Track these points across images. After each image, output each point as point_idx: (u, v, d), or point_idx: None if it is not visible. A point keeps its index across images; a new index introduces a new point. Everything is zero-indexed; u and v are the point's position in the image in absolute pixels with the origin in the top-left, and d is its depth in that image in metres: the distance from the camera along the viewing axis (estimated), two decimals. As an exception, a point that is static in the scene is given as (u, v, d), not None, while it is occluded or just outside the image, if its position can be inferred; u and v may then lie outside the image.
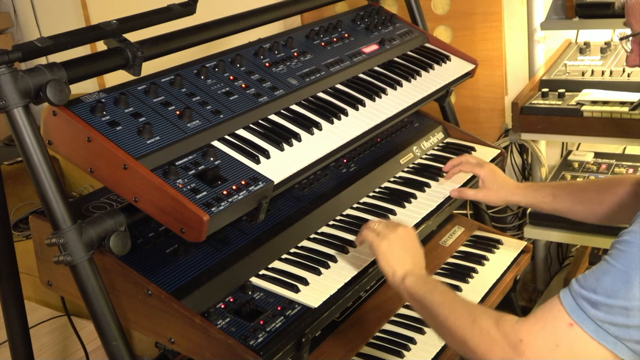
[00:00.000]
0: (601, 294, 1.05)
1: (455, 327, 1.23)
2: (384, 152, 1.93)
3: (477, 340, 1.19)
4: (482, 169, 1.79)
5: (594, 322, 1.06)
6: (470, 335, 1.20)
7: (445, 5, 2.70)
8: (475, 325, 1.20)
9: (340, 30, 1.95)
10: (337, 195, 1.71)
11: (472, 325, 1.20)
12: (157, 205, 1.22)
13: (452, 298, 1.30)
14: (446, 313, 1.26)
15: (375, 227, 1.46)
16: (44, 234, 1.33)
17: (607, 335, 1.05)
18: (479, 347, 1.19)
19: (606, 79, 2.31)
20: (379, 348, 1.74)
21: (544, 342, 1.11)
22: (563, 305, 1.09)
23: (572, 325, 1.07)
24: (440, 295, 1.30)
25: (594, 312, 1.05)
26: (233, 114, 1.46)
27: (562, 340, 1.09)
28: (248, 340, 1.25)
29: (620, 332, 1.05)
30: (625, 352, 1.06)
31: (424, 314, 1.35)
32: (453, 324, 1.24)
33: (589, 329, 1.06)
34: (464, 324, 1.22)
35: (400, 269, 1.39)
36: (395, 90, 1.83)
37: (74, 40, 1.33)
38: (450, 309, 1.26)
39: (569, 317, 1.07)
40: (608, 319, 1.04)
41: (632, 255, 1.03)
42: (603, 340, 1.06)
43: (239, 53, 1.65)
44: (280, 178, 1.37)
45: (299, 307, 1.36)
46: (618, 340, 1.05)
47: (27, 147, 1.18)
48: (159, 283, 1.30)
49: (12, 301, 1.59)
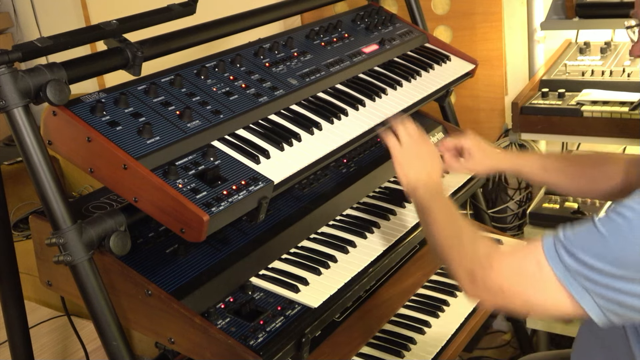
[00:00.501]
0: (579, 250, 1.07)
1: (442, 236, 1.31)
2: (384, 152, 1.93)
3: (455, 252, 1.26)
4: (466, 140, 1.78)
5: (566, 268, 1.08)
6: (451, 246, 1.27)
7: (445, 5, 2.70)
8: (458, 239, 1.27)
9: (340, 30, 1.95)
10: (337, 195, 1.72)
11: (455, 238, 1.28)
12: (157, 205, 1.22)
13: (450, 211, 1.37)
14: (439, 221, 1.34)
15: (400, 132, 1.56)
16: (44, 234, 1.33)
17: (575, 283, 1.08)
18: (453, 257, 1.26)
19: (606, 79, 2.31)
20: (379, 348, 1.74)
21: (509, 270, 1.16)
22: (542, 244, 1.12)
23: (541, 265, 1.11)
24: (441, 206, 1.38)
25: (569, 261, 1.08)
26: (233, 114, 1.46)
27: (525, 273, 1.13)
28: (248, 340, 1.25)
29: (589, 285, 1.07)
30: (590, 303, 1.08)
31: (422, 220, 1.43)
32: (441, 233, 1.32)
33: (559, 272, 1.09)
34: (451, 235, 1.29)
35: (414, 177, 1.49)
36: (395, 90, 1.83)
37: (74, 40, 1.33)
38: (445, 219, 1.34)
39: (543, 257, 1.11)
40: (581, 271, 1.07)
41: (618, 225, 1.05)
42: (571, 287, 1.08)
43: (239, 53, 1.65)
44: (280, 178, 1.37)
45: (299, 307, 1.36)
46: (586, 291, 1.08)
47: (27, 147, 1.18)
48: (159, 283, 1.30)
49: (12, 301, 1.59)
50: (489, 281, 1.17)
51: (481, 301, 1.23)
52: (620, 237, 1.05)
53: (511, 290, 1.15)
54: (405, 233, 1.64)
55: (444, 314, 1.89)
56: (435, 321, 1.86)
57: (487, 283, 1.18)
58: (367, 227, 1.63)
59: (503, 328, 2.85)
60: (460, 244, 1.26)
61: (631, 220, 1.04)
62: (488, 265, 1.18)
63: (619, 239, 1.05)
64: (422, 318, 1.86)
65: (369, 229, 1.63)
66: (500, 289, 1.16)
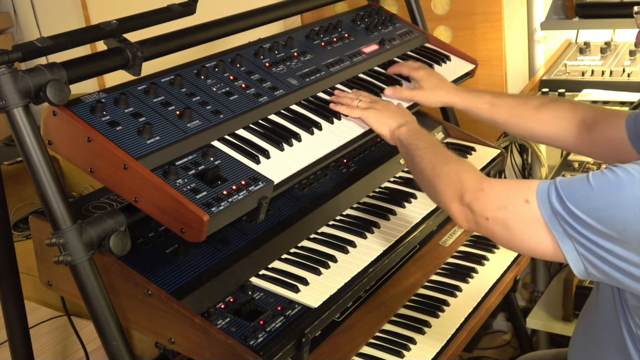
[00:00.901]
0: (565, 195, 1.09)
1: (430, 167, 1.31)
2: (384, 152, 1.93)
3: (445, 178, 1.27)
4: (418, 72, 1.79)
5: (551, 209, 1.10)
6: (439, 174, 1.28)
7: (445, 5, 2.70)
8: (447, 165, 1.28)
9: (340, 30, 1.95)
10: (337, 195, 1.72)
11: (444, 165, 1.28)
12: (157, 205, 1.22)
13: (436, 145, 1.39)
14: (425, 154, 1.35)
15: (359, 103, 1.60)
16: (44, 234, 1.33)
17: (558, 225, 1.09)
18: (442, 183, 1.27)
19: (606, 79, 2.31)
20: (379, 348, 1.74)
21: (496, 199, 1.17)
22: (537, 185, 1.13)
23: (529, 202, 1.12)
24: (426, 141, 1.40)
25: (555, 202, 1.09)
26: (233, 114, 1.46)
27: (511, 206, 1.14)
28: (248, 340, 1.25)
29: (569, 229, 1.08)
30: (569, 247, 1.09)
31: (408, 159, 1.44)
32: (428, 164, 1.32)
33: (544, 212, 1.10)
34: (439, 163, 1.30)
35: (394, 122, 1.53)
36: (395, 90, 1.83)
37: (74, 40, 1.32)
38: (432, 151, 1.35)
39: (534, 196, 1.12)
40: (563, 214, 1.08)
41: (607, 180, 1.06)
42: (553, 227, 1.10)
43: (239, 53, 1.65)
44: (280, 178, 1.37)
45: (299, 307, 1.36)
46: (566, 235, 1.09)
47: (27, 147, 1.18)
48: (159, 283, 1.30)
49: (12, 301, 1.59)
50: (476, 206, 1.18)
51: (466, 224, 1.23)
52: (605, 192, 1.06)
53: (495, 219, 1.17)
54: (405, 233, 1.64)
55: (444, 314, 1.89)
56: (435, 321, 1.85)
57: (473, 207, 1.19)
58: (367, 227, 1.63)
59: (503, 328, 2.85)
60: (450, 171, 1.26)
61: (622, 179, 1.05)
62: (478, 189, 1.19)
63: (604, 194, 1.06)
64: (422, 318, 1.86)
65: (369, 229, 1.63)
66: (485, 216, 1.18)
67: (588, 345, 1.35)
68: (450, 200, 1.24)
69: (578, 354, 1.39)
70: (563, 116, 1.54)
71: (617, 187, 1.04)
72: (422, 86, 1.77)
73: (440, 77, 1.81)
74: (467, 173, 1.25)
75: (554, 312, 2.35)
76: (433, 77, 1.79)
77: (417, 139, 1.41)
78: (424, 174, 1.34)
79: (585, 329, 1.37)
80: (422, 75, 1.79)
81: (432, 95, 1.76)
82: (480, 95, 1.70)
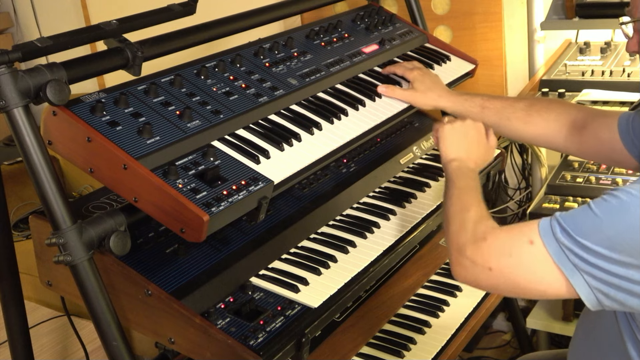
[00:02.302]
0: (572, 228, 1.07)
1: (452, 209, 1.30)
2: (384, 152, 1.93)
3: (456, 227, 1.25)
4: (412, 72, 1.78)
5: (558, 244, 1.08)
6: (455, 219, 1.27)
7: (445, 5, 2.70)
8: (463, 213, 1.26)
9: (340, 30, 1.95)
10: (337, 195, 1.71)
11: (461, 212, 1.27)
12: (157, 205, 1.22)
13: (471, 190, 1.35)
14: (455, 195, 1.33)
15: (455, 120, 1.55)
16: (44, 234, 1.33)
17: (567, 260, 1.08)
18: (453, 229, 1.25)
19: (606, 79, 2.31)
20: (379, 348, 1.75)
21: (500, 247, 1.15)
22: (538, 224, 1.12)
23: (534, 243, 1.10)
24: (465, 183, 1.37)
25: (562, 237, 1.08)
26: (233, 114, 1.46)
27: (516, 251, 1.12)
28: (248, 340, 1.25)
29: (579, 262, 1.07)
30: (580, 281, 1.08)
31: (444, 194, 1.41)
32: (452, 205, 1.31)
33: (551, 249, 1.09)
34: (459, 209, 1.28)
35: (451, 153, 1.48)
36: (395, 90, 1.83)
37: (74, 40, 1.32)
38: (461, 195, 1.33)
39: (537, 235, 1.10)
40: (572, 248, 1.07)
41: (612, 206, 1.05)
42: (562, 264, 1.08)
43: (239, 53, 1.65)
44: (280, 178, 1.37)
45: (299, 307, 1.36)
46: (576, 269, 1.07)
47: (27, 147, 1.18)
48: (159, 283, 1.30)
49: (12, 301, 1.59)
50: (478, 257, 1.16)
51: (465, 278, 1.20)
52: (613, 218, 1.05)
53: (499, 268, 1.14)
54: (406, 233, 1.64)
55: (444, 314, 1.89)
56: (435, 321, 1.86)
57: (475, 259, 1.17)
58: (367, 227, 1.63)
59: (503, 328, 2.85)
60: (463, 219, 1.25)
61: (626, 203, 1.04)
62: (481, 239, 1.17)
63: (612, 221, 1.05)
64: (422, 318, 1.86)
65: (369, 229, 1.62)
66: (488, 267, 1.15)
67: (588, 348, 1.35)
68: (453, 250, 1.22)
69: (578, 356, 1.39)
70: (551, 118, 1.54)
71: (623, 211, 1.04)
72: (415, 88, 1.76)
73: (435, 79, 1.80)
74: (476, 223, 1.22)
75: (554, 312, 2.35)
76: (426, 79, 1.78)
77: (459, 179, 1.39)
78: (444, 213, 1.34)
79: (586, 332, 1.37)
80: (416, 76, 1.78)
81: (424, 97, 1.75)
82: (471, 99, 1.69)
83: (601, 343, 1.30)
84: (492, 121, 1.64)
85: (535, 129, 1.56)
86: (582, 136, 1.48)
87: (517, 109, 1.60)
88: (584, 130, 1.48)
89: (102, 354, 1.29)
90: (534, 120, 1.56)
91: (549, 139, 1.55)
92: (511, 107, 1.61)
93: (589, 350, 1.34)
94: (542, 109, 1.56)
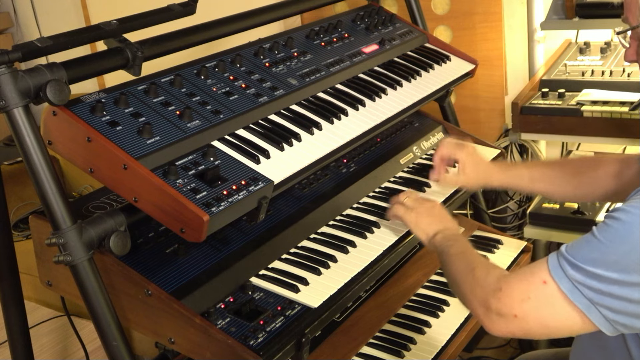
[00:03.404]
0: (580, 260, 1.08)
1: (457, 273, 1.32)
2: (384, 152, 1.93)
3: (469, 285, 1.27)
4: (461, 153, 1.76)
5: (570, 281, 1.09)
6: (464, 281, 1.28)
7: (445, 5, 2.70)
8: (471, 272, 1.27)
9: (340, 30, 1.95)
10: (337, 195, 1.71)
11: (469, 272, 1.28)
12: (157, 205, 1.22)
13: (466, 251, 1.38)
14: (454, 261, 1.35)
15: (404, 200, 1.60)
16: (44, 234, 1.33)
17: (581, 296, 1.08)
18: (467, 291, 1.27)
19: (606, 79, 2.31)
20: (379, 348, 1.74)
21: (517, 293, 1.16)
22: (547, 263, 1.13)
23: (547, 283, 1.12)
24: (457, 248, 1.39)
25: (572, 273, 1.09)
26: (233, 114, 1.46)
27: (533, 293, 1.14)
28: (248, 340, 1.25)
29: (594, 296, 1.08)
30: (597, 315, 1.09)
31: (442, 266, 1.43)
32: (456, 270, 1.33)
33: (564, 287, 1.10)
34: (464, 270, 1.30)
35: (431, 230, 1.52)
36: (395, 90, 1.83)
37: (74, 40, 1.32)
38: (459, 258, 1.35)
39: (548, 274, 1.12)
40: (584, 282, 1.08)
41: (614, 230, 1.06)
42: (577, 300, 1.09)
43: (239, 53, 1.65)
44: (280, 178, 1.37)
45: (299, 307, 1.36)
46: (591, 304, 1.08)
47: (27, 147, 1.18)
48: (159, 283, 1.30)
49: (12, 301, 1.59)
50: (502, 307, 1.17)
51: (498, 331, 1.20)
52: (617, 241, 1.05)
53: (524, 313, 1.15)
54: (406, 233, 1.64)
55: (444, 314, 1.89)
56: (435, 321, 1.86)
57: (500, 310, 1.17)
58: (367, 227, 1.63)
59: (503, 328, 2.85)
60: (473, 277, 1.26)
61: (627, 223, 1.05)
62: (498, 290, 1.18)
63: (617, 243, 1.05)
64: (422, 318, 1.86)
65: (369, 229, 1.62)
66: (513, 314, 1.16)
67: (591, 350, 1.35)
68: (477, 308, 1.23)
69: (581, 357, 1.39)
70: (599, 176, 1.57)
71: (627, 232, 1.04)
72: (466, 173, 1.74)
73: (481, 160, 1.77)
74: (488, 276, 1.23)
75: (554, 312, 2.35)
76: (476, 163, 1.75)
77: (450, 246, 1.41)
78: (452, 281, 1.35)
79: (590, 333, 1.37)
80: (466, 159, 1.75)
81: (475, 181, 1.76)
82: (519, 174, 1.70)
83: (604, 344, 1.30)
84: (544, 190, 1.68)
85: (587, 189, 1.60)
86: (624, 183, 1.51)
87: (565, 174, 1.62)
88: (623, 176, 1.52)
89: (102, 354, 1.29)
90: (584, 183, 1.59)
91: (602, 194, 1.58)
92: (560, 175, 1.63)
93: (593, 351, 1.34)
94: (590, 171, 1.59)
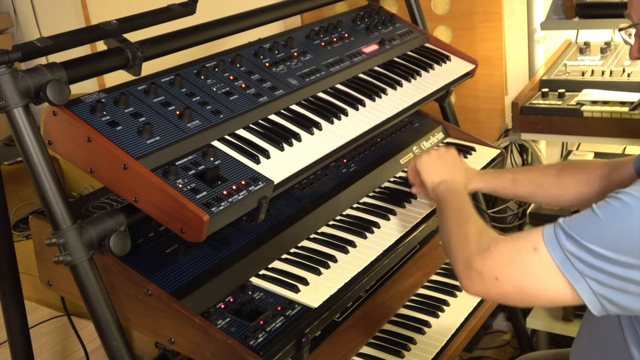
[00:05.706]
0: (576, 232, 1.08)
1: (450, 226, 1.32)
2: (384, 152, 1.93)
3: (458, 240, 1.26)
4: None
5: (563, 252, 1.09)
6: (455, 235, 1.28)
7: (445, 5, 2.70)
8: (463, 227, 1.27)
9: (340, 30, 1.95)
10: (337, 195, 1.72)
11: (461, 227, 1.28)
12: (157, 205, 1.22)
13: (464, 207, 1.37)
14: (450, 213, 1.36)
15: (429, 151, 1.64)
16: (44, 234, 1.33)
17: (572, 267, 1.08)
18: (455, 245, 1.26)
19: (606, 79, 2.31)
20: (379, 348, 1.75)
21: (505, 255, 1.15)
22: (542, 231, 1.12)
23: (538, 250, 1.11)
24: (457, 202, 1.40)
25: (566, 244, 1.08)
26: (233, 114, 1.46)
27: (520, 257, 1.13)
28: (248, 340, 1.25)
29: (584, 268, 1.07)
30: (585, 288, 1.08)
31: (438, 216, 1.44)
32: (449, 223, 1.33)
33: (556, 256, 1.09)
34: (457, 225, 1.30)
35: (437, 177, 1.55)
36: (395, 90, 1.84)
37: (74, 40, 1.32)
38: (456, 212, 1.35)
39: (542, 242, 1.11)
40: (577, 254, 1.07)
41: (615, 209, 1.06)
42: (567, 271, 1.09)
43: (239, 53, 1.65)
44: (280, 178, 1.37)
45: (299, 307, 1.36)
46: (581, 276, 1.08)
47: (27, 147, 1.18)
48: (159, 283, 1.30)
49: (12, 301, 1.59)
50: (485, 267, 1.16)
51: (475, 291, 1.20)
52: (617, 221, 1.05)
53: (505, 276, 1.15)
54: (405, 233, 1.64)
55: (444, 314, 1.89)
56: (435, 321, 1.86)
57: (482, 269, 1.17)
58: (367, 227, 1.63)
59: (503, 328, 2.85)
60: (465, 233, 1.25)
61: (628, 204, 1.05)
62: (486, 249, 1.17)
63: (617, 223, 1.05)
64: (422, 318, 1.86)
65: (369, 229, 1.62)
66: (494, 276, 1.15)
67: (591, 350, 1.35)
68: (460, 263, 1.22)
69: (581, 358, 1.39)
70: (583, 178, 1.56)
71: (627, 213, 1.04)
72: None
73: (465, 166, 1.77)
74: (479, 235, 1.23)
75: (554, 312, 2.35)
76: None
77: (450, 199, 1.41)
78: (443, 233, 1.35)
79: (589, 333, 1.37)
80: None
81: None
82: (502, 175, 1.71)
83: (605, 345, 1.30)
84: (526, 191, 1.66)
85: (569, 191, 1.58)
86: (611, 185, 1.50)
87: (548, 175, 1.62)
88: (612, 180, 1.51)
89: (102, 354, 1.29)
90: (567, 184, 1.58)
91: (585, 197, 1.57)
92: (543, 175, 1.63)
93: (593, 352, 1.34)
94: (573, 172, 1.58)
